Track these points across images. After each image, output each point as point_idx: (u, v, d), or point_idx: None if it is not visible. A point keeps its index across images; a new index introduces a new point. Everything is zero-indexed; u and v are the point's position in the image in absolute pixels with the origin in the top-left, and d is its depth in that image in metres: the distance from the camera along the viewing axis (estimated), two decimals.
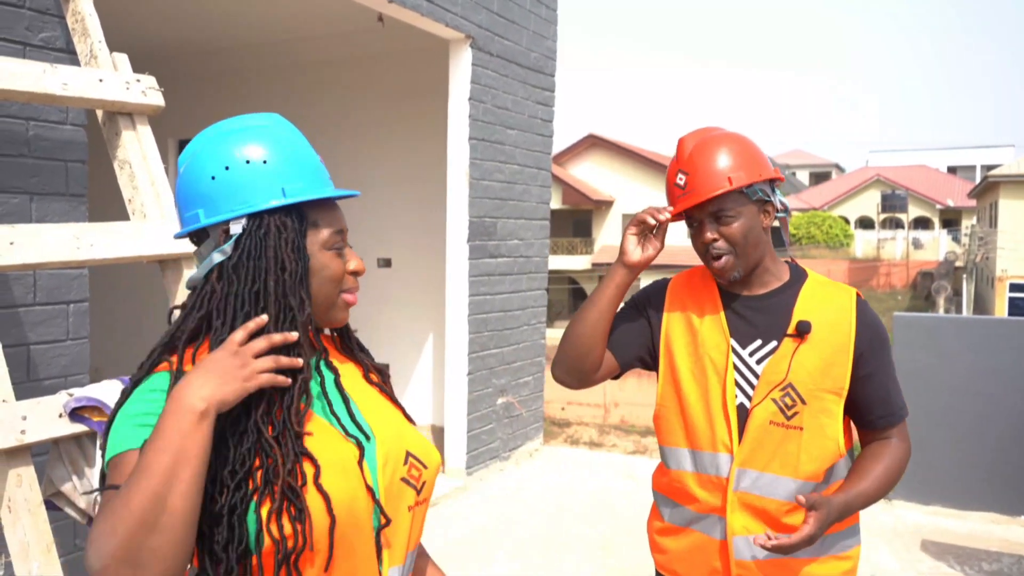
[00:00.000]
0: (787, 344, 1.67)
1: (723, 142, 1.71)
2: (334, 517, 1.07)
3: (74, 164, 2.86)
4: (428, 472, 1.24)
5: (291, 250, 1.13)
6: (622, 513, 4.96)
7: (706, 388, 1.72)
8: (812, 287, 1.74)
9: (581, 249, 33.35)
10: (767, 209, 1.71)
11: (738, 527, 1.68)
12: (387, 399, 1.29)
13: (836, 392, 1.65)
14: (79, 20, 2.52)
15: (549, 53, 6.27)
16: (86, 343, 2.92)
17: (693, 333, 1.76)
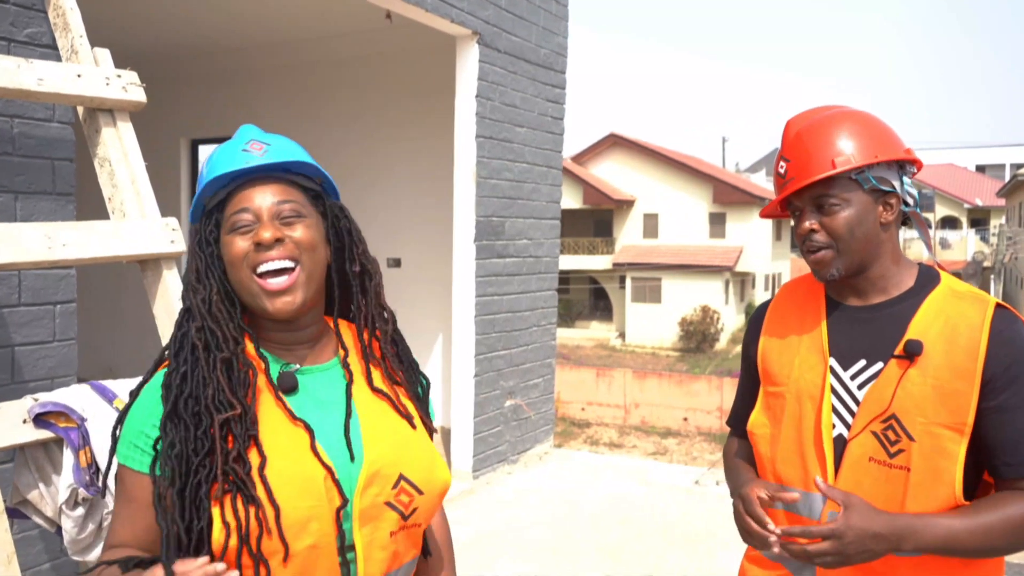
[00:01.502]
0: (893, 367, 1.40)
1: (834, 121, 1.46)
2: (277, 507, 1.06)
3: (61, 162, 2.81)
4: (423, 498, 1.19)
5: (196, 246, 1.20)
6: (633, 519, 4.85)
7: (799, 416, 1.49)
8: (940, 296, 1.43)
9: (602, 249, 33.18)
10: (888, 201, 1.44)
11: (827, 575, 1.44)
12: (396, 412, 1.23)
13: (956, 428, 1.35)
14: (60, 15, 2.46)
15: (560, 49, 6.17)
16: (73, 344, 2.87)
17: (791, 352, 1.54)
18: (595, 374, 20.18)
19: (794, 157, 1.48)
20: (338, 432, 1.15)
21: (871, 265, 1.47)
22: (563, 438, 14.95)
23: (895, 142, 1.47)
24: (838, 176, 1.43)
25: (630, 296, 31.43)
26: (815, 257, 1.46)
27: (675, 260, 30.29)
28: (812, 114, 1.53)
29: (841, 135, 1.44)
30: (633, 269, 31.28)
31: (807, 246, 1.47)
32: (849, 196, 1.43)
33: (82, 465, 1.90)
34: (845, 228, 1.43)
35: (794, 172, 1.47)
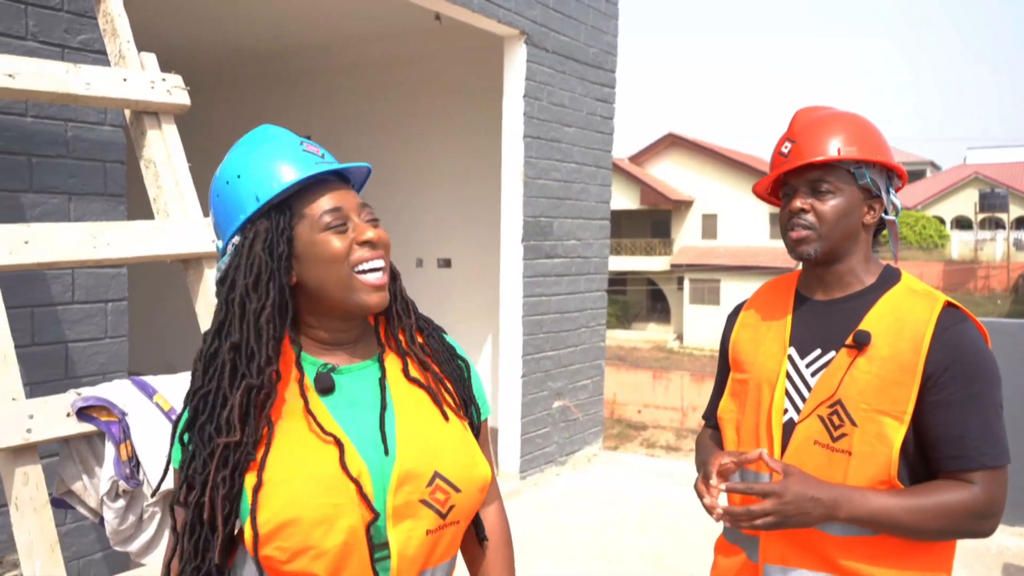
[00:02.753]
0: (843, 356, 1.47)
1: (841, 117, 1.55)
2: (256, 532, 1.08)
3: (112, 164, 2.89)
4: (461, 496, 1.19)
5: (262, 249, 1.15)
6: (678, 523, 4.78)
7: (758, 400, 1.57)
8: (897, 294, 1.50)
9: (660, 250, 32.84)
10: (873, 204, 1.52)
11: (772, 555, 1.50)
12: (434, 404, 1.24)
13: (896, 416, 1.41)
14: (109, 21, 2.54)
15: (609, 48, 6.13)
16: (124, 341, 2.96)
17: (758, 341, 1.62)
18: (652, 376, 19.98)
19: (801, 140, 1.54)
20: (372, 429, 1.16)
21: (842, 259, 1.54)
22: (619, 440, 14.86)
23: (888, 150, 1.54)
24: (837, 165, 1.50)
25: (688, 298, 31.03)
26: (797, 235, 1.52)
27: (734, 261, 29.81)
28: (821, 109, 1.61)
29: (847, 130, 1.52)
30: (691, 270, 30.88)
31: (792, 223, 1.53)
32: (843, 186, 1.50)
33: (122, 458, 1.95)
34: (833, 215, 1.50)
35: (796, 152, 1.53)
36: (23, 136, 2.63)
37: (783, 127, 1.63)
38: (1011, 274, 33.53)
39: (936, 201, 40.51)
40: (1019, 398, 4.60)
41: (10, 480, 1.86)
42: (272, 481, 1.09)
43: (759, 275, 29.16)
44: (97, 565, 2.91)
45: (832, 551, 1.45)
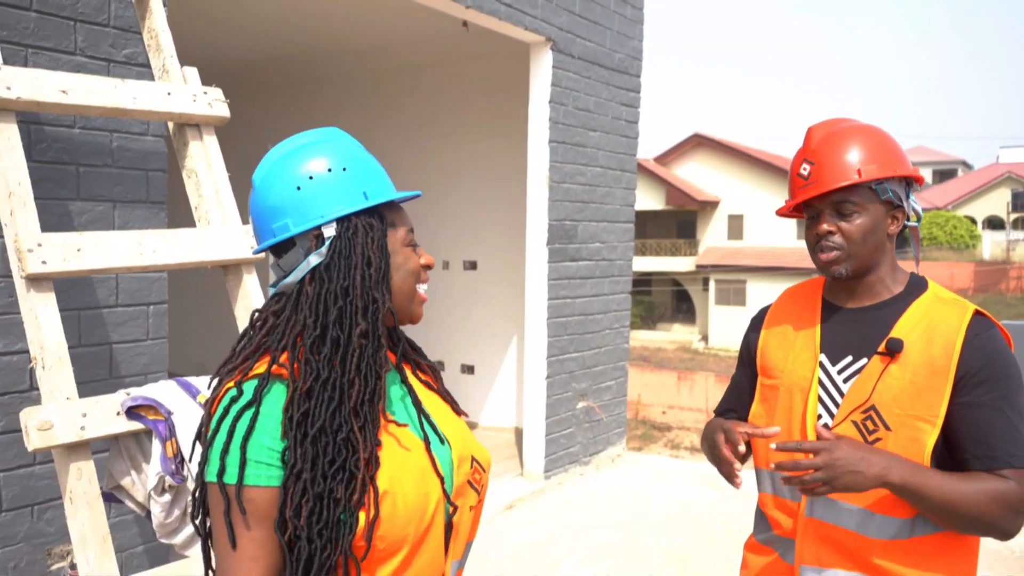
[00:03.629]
0: (875, 363, 1.52)
1: (856, 133, 1.57)
2: (378, 508, 1.12)
3: (155, 173, 3.01)
4: (486, 476, 1.34)
5: (376, 248, 1.20)
6: (702, 524, 4.83)
7: (790, 407, 1.61)
8: (926, 302, 1.55)
9: (685, 250, 32.75)
10: (896, 215, 1.57)
11: (807, 556, 1.56)
12: (440, 398, 1.36)
13: (928, 420, 1.46)
14: (153, 37, 2.66)
15: (635, 53, 6.19)
16: (165, 343, 3.08)
17: (787, 348, 1.67)
18: (676, 377, 19.95)
19: (819, 161, 1.57)
20: (426, 424, 1.26)
21: (872, 270, 1.59)
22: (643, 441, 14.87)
23: (905, 159, 1.59)
24: (859, 185, 1.53)
25: (713, 298, 30.92)
26: (827, 256, 1.57)
27: (761, 262, 29.65)
28: (835, 124, 1.62)
29: (864, 147, 1.55)
30: (717, 271, 30.77)
31: (821, 245, 1.57)
32: (867, 204, 1.54)
33: (168, 455, 2.06)
34: (860, 233, 1.54)
35: (818, 175, 1.57)
36: (71, 147, 2.76)
37: (808, 129, 1.66)
38: None
39: (967, 201, 39.98)
40: None
41: (65, 475, 1.97)
42: (383, 478, 1.16)
43: (785, 276, 28.97)
44: (139, 558, 3.04)
45: (867, 553, 1.50)
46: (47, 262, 2.05)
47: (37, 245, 2.05)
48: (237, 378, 1.17)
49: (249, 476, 1.10)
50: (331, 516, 1.10)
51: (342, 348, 1.16)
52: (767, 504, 1.67)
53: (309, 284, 1.18)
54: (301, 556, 1.10)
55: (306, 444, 1.11)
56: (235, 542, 1.11)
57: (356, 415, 1.15)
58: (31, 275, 2.03)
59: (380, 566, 1.15)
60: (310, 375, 1.14)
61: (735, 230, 32.21)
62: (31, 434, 1.91)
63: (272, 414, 1.14)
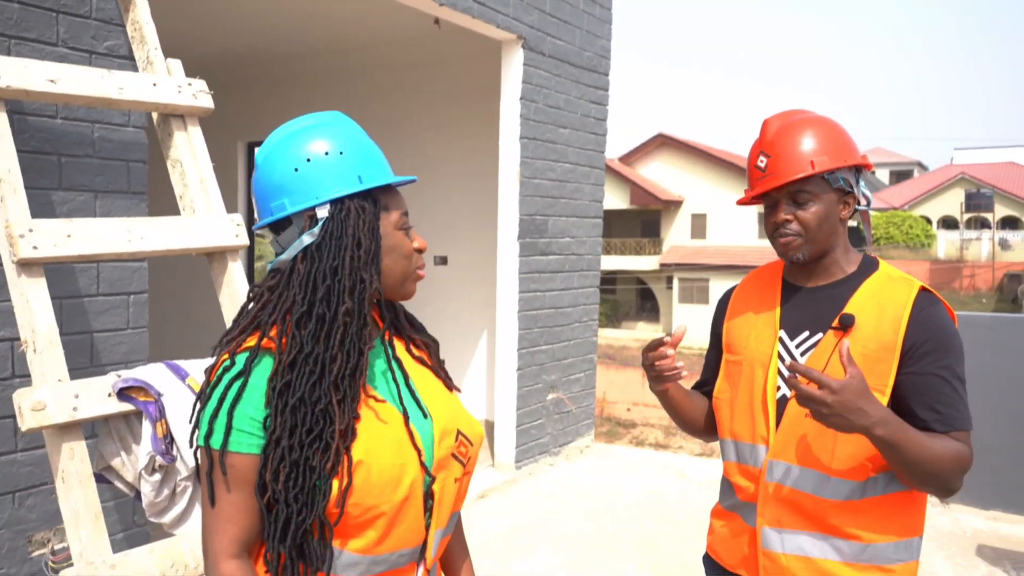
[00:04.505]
0: (830, 337, 1.63)
1: (809, 125, 1.67)
2: (351, 477, 1.19)
3: (135, 164, 3.05)
4: (474, 448, 1.38)
5: (367, 230, 1.26)
6: (670, 512, 4.96)
7: (751, 379, 1.72)
8: (876, 280, 1.67)
9: (649, 249, 33.10)
10: (847, 200, 1.68)
11: (769, 518, 1.67)
12: (433, 374, 1.41)
13: (879, 389, 1.57)
14: (137, 29, 2.70)
15: (603, 52, 6.31)
16: (145, 332, 3.11)
17: (750, 326, 1.77)
18: (641, 374, 20.07)
19: (775, 153, 1.68)
20: (406, 397, 1.32)
21: (828, 253, 1.70)
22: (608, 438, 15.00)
23: (855, 148, 1.69)
24: (813, 175, 1.64)
25: (677, 297, 31.30)
26: (785, 241, 1.68)
27: (723, 261, 30.07)
28: (789, 116, 1.73)
29: (817, 138, 1.66)
30: (681, 270, 31.14)
31: (780, 232, 1.68)
32: (821, 193, 1.65)
33: (159, 435, 2.11)
34: (815, 220, 1.65)
35: (774, 167, 1.67)
36: (53, 137, 2.78)
37: (764, 121, 1.75)
38: (996, 273, 33.93)
39: (923, 201, 40.89)
40: (994, 384, 4.81)
41: (57, 455, 2.02)
42: (359, 449, 1.21)
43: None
44: (119, 544, 3.07)
45: (823, 514, 1.62)
46: (38, 247, 2.10)
47: (28, 231, 2.09)
48: (232, 349, 1.25)
49: (232, 443, 1.18)
50: (307, 482, 1.17)
51: (327, 324, 1.22)
52: (731, 471, 1.78)
53: (301, 262, 1.25)
54: (279, 518, 1.18)
55: (286, 413, 1.18)
56: (214, 502, 1.19)
57: (336, 388, 1.21)
58: (22, 260, 2.07)
59: (360, 532, 1.21)
60: (294, 348, 1.21)
61: (698, 229, 32.64)
62: (25, 414, 1.96)
63: (258, 385, 1.21)
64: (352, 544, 1.22)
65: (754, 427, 1.70)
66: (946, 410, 1.57)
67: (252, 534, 1.21)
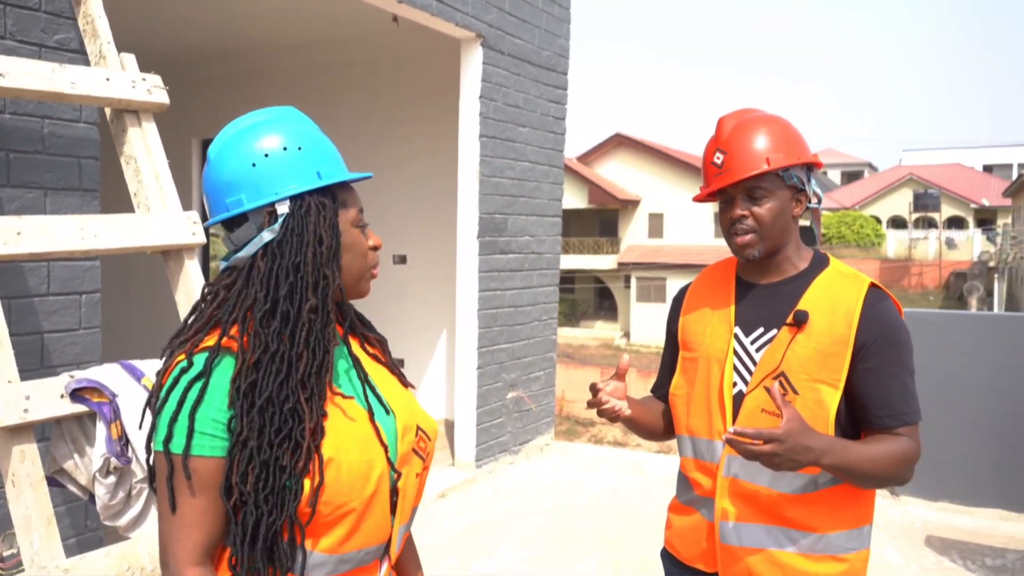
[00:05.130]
0: (785, 333, 1.66)
1: (763, 123, 1.70)
2: (322, 476, 1.18)
3: (87, 160, 2.98)
4: (431, 444, 1.40)
5: (328, 227, 1.24)
6: (630, 508, 5.01)
7: (708, 375, 1.74)
8: (828, 277, 1.70)
9: (607, 248, 33.33)
10: (799, 198, 1.71)
11: (725, 512, 1.69)
12: (388, 370, 1.41)
13: (832, 384, 1.61)
14: (89, 22, 2.64)
15: (562, 51, 6.34)
16: (98, 332, 3.05)
17: (705, 323, 1.79)
18: (600, 373, 20.29)
19: (731, 151, 1.70)
20: (370, 395, 1.31)
21: (781, 250, 1.73)
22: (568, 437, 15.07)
23: (807, 147, 1.73)
24: (768, 172, 1.67)
25: (635, 296, 31.56)
26: (742, 240, 1.70)
27: (680, 260, 30.40)
28: (743, 114, 1.76)
29: (771, 136, 1.69)
30: (638, 269, 31.42)
31: (735, 229, 1.71)
32: (775, 190, 1.68)
33: (114, 437, 2.07)
34: (770, 217, 1.68)
35: (730, 164, 1.70)
36: (1, 133, 2.71)
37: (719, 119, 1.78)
38: (942, 272, 34.87)
39: (873, 201, 41.84)
40: (941, 380, 4.94)
41: (7, 458, 1.97)
42: (328, 446, 1.20)
43: None
44: (71, 549, 3.00)
45: (779, 506, 1.65)
46: None
47: None
48: (188, 349, 1.21)
49: (195, 446, 1.15)
50: (277, 483, 1.15)
51: (292, 322, 1.20)
52: (688, 467, 1.80)
53: (261, 259, 1.22)
54: (248, 522, 1.15)
55: (253, 413, 1.15)
56: (175, 507, 1.16)
57: (303, 387, 1.19)
58: None
59: (328, 530, 1.20)
60: (259, 347, 1.18)
61: (655, 228, 32.96)
62: None
63: (219, 386, 1.18)
64: (321, 544, 1.21)
65: (711, 423, 1.73)
66: (898, 405, 1.62)
67: (215, 540, 1.19)
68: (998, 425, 4.91)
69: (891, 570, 4.08)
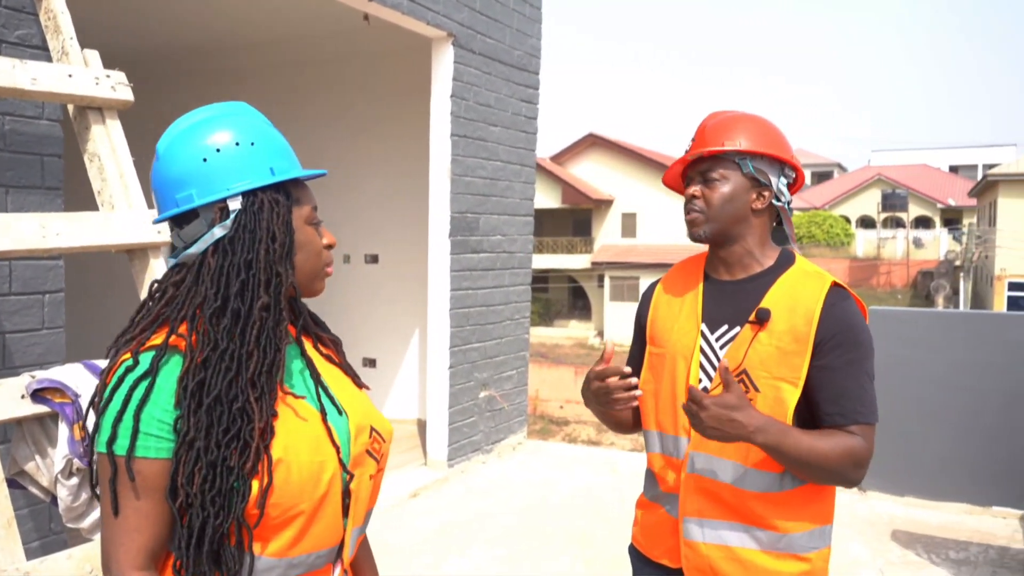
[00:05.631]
0: (747, 331, 1.67)
1: (740, 118, 1.74)
2: (271, 476, 1.15)
3: (50, 158, 2.94)
4: (386, 445, 1.37)
5: (282, 224, 1.22)
6: (603, 507, 5.03)
7: (674, 372, 1.75)
8: (792, 275, 1.71)
9: (581, 248, 33.42)
10: (761, 192, 1.71)
11: (690, 509, 1.71)
12: (341, 371, 1.39)
13: (792, 381, 1.62)
14: (51, 18, 2.60)
15: (533, 51, 6.35)
16: (61, 332, 3.00)
17: (673, 319, 1.80)
18: (573, 372, 20.35)
19: (698, 139, 1.76)
20: (323, 396, 1.29)
21: (737, 241, 1.74)
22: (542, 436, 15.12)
23: (782, 145, 1.74)
24: (723, 157, 1.70)
25: (608, 295, 31.68)
26: (689, 218, 1.75)
27: (653, 259, 30.55)
28: (727, 112, 1.80)
29: (737, 128, 1.73)
30: (611, 268, 31.54)
31: (687, 207, 1.75)
32: (728, 175, 1.71)
33: (76, 438, 2.04)
34: (718, 200, 1.71)
35: (693, 149, 1.77)
36: None
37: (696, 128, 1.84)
38: (910, 271, 35.40)
39: (842, 201, 42.37)
40: (909, 376, 5.02)
41: None
42: (278, 447, 1.18)
43: None
44: (34, 552, 2.95)
45: (743, 504, 1.66)
46: None
47: None
48: (134, 348, 1.18)
49: (139, 447, 1.12)
50: (224, 484, 1.12)
51: (242, 320, 1.18)
52: (655, 462, 1.82)
53: (212, 256, 1.19)
54: (194, 524, 1.13)
55: (200, 413, 1.13)
56: (118, 511, 1.13)
57: (253, 386, 1.17)
58: None
59: (277, 533, 1.18)
60: (208, 345, 1.16)
61: (628, 228, 33.09)
62: None
63: (165, 386, 1.15)
64: (269, 547, 1.18)
65: (676, 419, 1.74)
66: (849, 404, 1.62)
67: (159, 544, 1.16)
68: (964, 421, 5.00)
69: (858, 565, 4.14)
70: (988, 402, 4.93)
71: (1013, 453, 4.72)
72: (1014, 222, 26.12)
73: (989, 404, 4.93)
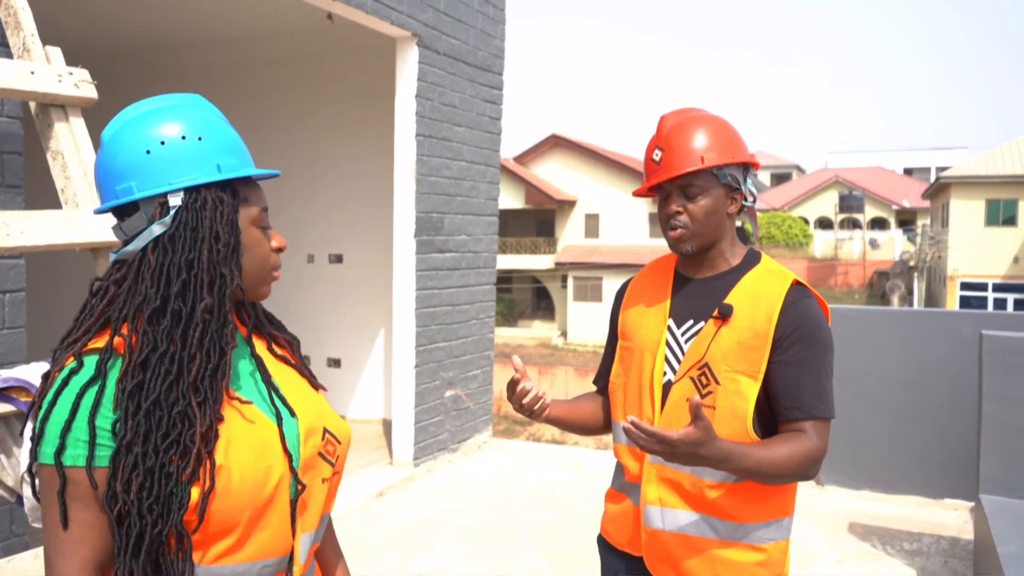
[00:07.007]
0: (710, 326, 1.72)
1: (702, 122, 1.76)
2: (213, 482, 1.11)
3: (10, 156, 2.90)
4: (341, 447, 1.33)
5: (226, 223, 1.17)
6: (566, 503, 5.08)
7: (641, 365, 1.81)
8: (756, 273, 1.76)
9: (544, 248, 33.53)
10: (734, 196, 1.76)
11: (651, 497, 1.75)
12: (297, 372, 1.35)
13: (751, 376, 1.67)
14: (12, 14, 2.57)
15: (497, 52, 6.39)
16: (23, 332, 2.97)
17: (642, 315, 1.86)
18: (537, 372, 20.43)
19: (669, 148, 1.77)
20: (265, 398, 1.25)
21: (715, 246, 1.80)
22: (506, 435, 15.16)
23: (744, 147, 1.79)
24: (703, 170, 1.73)
25: (572, 295, 31.84)
26: (675, 234, 1.77)
27: (616, 260, 30.79)
28: (684, 113, 1.83)
29: (708, 136, 1.75)
30: (575, 269, 31.70)
31: (671, 224, 1.77)
32: (709, 187, 1.74)
33: None
34: (703, 213, 1.74)
35: (668, 161, 1.76)
36: None
37: (661, 117, 1.84)
38: (867, 271, 36.13)
39: (801, 202, 43.06)
40: (865, 373, 5.15)
41: None
42: (220, 452, 1.13)
43: None
44: None
45: (702, 493, 1.72)
46: None
47: None
48: (77, 350, 1.13)
49: (97, 458, 1.08)
50: (162, 490, 1.09)
51: (184, 321, 1.14)
52: (621, 453, 1.87)
53: (152, 253, 1.15)
54: (131, 532, 1.09)
55: (139, 417, 1.09)
56: (67, 524, 1.08)
57: (195, 390, 1.13)
58: None
59: (219, 541, 1.14)
60: (147, 346, 1.11)
61: (591, 228, 33.29)
62: None
63: (110, 391, 1.11)
64: (210, 555, 1.14)
65: (641, 410, 1.79)
66: (805, 399, 1.67)
67: (104, 555, 1.11)
68: (917, 416, 5.14)
69: (816, 557, 4.24)
70: (940, 398, 5.08)
71: (964, 447, 4.87)
72: (966, 223, 26.81)
73: (941, 400, 5.08)
